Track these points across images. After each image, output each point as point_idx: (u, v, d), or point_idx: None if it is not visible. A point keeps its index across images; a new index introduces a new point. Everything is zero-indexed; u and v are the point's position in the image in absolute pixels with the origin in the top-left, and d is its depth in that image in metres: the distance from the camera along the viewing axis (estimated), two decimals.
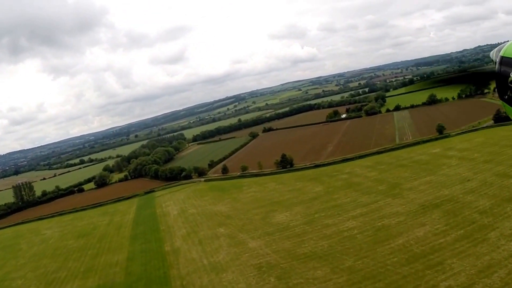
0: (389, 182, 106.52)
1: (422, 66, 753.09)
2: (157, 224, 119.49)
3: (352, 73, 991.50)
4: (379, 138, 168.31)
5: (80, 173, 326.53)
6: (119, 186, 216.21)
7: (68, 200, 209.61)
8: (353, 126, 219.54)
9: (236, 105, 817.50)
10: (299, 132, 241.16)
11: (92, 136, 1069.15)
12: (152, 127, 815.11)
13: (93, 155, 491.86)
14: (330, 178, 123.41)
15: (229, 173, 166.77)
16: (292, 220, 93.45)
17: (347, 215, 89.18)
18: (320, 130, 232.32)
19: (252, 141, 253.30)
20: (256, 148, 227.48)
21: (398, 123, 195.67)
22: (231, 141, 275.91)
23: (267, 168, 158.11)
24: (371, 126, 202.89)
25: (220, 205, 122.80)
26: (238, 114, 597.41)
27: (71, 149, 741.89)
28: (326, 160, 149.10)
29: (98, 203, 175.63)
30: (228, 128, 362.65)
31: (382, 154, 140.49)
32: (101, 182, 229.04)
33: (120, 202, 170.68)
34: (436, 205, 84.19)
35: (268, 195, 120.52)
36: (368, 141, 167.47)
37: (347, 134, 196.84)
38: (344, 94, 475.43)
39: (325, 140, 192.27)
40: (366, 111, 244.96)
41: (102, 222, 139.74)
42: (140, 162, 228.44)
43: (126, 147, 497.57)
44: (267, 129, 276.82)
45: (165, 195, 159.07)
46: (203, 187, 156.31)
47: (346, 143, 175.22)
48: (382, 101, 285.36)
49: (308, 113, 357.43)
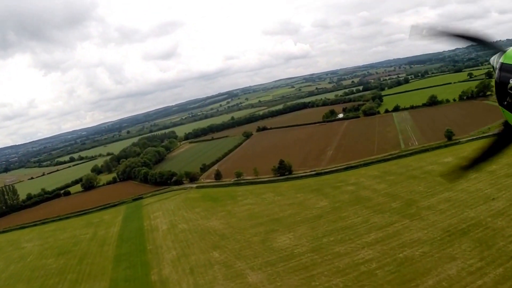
0: (403, 198, 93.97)
1: (415, 64, 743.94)
2: (144, 242, 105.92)
3: (345, 70, 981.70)
4: (382, 143, 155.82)
5: (69, 172, 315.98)
6: (106, 190, 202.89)
7: (53, 204, 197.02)
8: (351, 127, 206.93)
9: (229, 101, 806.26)
10: (295, 132, 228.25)
11: (84, 132, 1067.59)
12: (144, 123, 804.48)
13: (84, 152, 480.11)
14: (335, 190, 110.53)
15: (223, 179, 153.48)
16: (297, 245, 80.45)
17: (361, 241, 76.46)
18: (317, 130, 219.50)
19: (246, 141, 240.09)
20: (250, 149, 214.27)
21: (400, 126, 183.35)
22: (224, 141, 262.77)
23: (263, 173, 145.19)
24: (371, 128, 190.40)
25: (213, 219, 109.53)
26: (231, 110, 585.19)
27: (63, 145, 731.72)
28: (327, 167, 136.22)
29: (83, 211, 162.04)
30: (221, 126, 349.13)
31: (389, 162, 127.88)
32: (88, 185, 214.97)
33: (106, 210, 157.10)
34: (463, 231, 71.97)
35: (266, 209, 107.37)
36: (370, 145, 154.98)
37: (347, 137, 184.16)
38: (338, 92, 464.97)
39: (323, 143, 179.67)
40: (364, 111, 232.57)
41: (85, 236, 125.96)
42: (129, 164, 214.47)
43: (117, 143, 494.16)
44: (261, 128, 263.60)
45: (154, 204, 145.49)
46: (194, 195, 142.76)
47: (346, 147, 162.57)
48: (380, 100, 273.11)
49: (302, 112, 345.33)
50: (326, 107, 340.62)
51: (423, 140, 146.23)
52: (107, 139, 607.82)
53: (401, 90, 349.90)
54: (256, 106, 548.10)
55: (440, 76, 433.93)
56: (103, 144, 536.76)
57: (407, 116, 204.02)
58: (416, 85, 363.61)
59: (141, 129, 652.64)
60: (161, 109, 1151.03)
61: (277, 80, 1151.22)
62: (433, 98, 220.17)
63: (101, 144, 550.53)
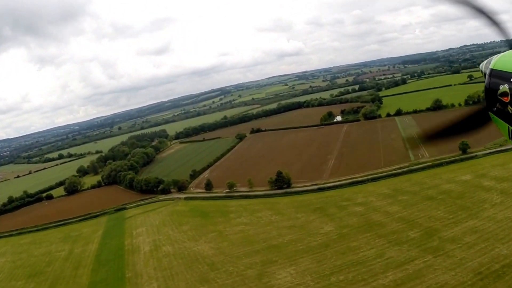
0: (421, 226, 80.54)
1: (409, 64, 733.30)
2: (122, 267, 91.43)
3: (338, 68, 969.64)
4: (388, 152, 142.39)
5: (56, 171, 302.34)
6: (90, 195, 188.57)
7: (34, 210, 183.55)
8: (352, 132, 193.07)
9: (221, 98, 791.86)
10: (291, 136, 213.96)
11: (77, 126, 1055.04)
12: (136, 119, 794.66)
13: (74, 148, 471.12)
14: (341, 211, 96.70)
15: (214, 190, 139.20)
16: (300, 284, 66.93)
17: (377, 282, 63.18)
18: (315, 135, 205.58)
19: (239, 144, 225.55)
20: (243, 153, 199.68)
21: (405, 132, 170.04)
22: (216, 142, 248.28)
23: (258, 184, 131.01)
24: (374, 135, 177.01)
25: (202, 242, 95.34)
26: (224, 108, 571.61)
27: (54, 139, 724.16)
28: (330, 181, 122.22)
29: (62, 221, 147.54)
30: (213, 125, 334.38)
31: (399, 178, 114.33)
32: (72, 189, 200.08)
33: (87, 221, 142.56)
34: (496, 273, 59.59)
35: (262, 232, 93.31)
36: (376, 155, 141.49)
37: (348, 144, 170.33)
38: (333, 91, 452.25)
39: (323, 150, 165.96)
40: (365, 115, 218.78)
41: (60, 254, 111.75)
42: (114, 168, 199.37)
43: (108, 140, 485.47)
44: (255, 130, 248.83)
45: (137, 216, 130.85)
46: (182, 208, 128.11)
47: (349, 156, 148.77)
48: (379, 102, 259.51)
49: (297, 112, 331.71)
50: (322, 108, 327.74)
51: (434, 152, 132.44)
52: (98, 135, 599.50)
53: (399, 91, 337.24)
54: (249, 104, 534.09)
55: (438, 77, 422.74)
56: (93, 141, 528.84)
57: (411, 122, 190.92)
58: (414, 86, 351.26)
59: (133, 125, 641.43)
60: (154, 104, 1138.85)
61: (270, 77, 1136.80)
62: (437, 102, 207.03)
63: (92, 140, 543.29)
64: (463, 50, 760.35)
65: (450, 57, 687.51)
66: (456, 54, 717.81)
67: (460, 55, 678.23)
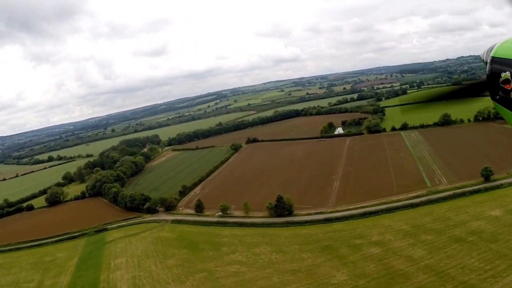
0: (455, 280, 64.90)
1: (407, 73, 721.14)
2: None
3: (334, 75, 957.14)
4: (400, 175, 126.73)
5: (42, 176, 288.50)
6: (72, 208, 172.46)
7: (11, 222, 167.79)
8: (356, 148, 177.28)
9: (217, 102, 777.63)
10: (290, 149, 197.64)
11: (71, 126, 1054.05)
12: (131, 121, 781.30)
13: (65, 150, 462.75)
14: (354, 252, 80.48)
15: (205, 212, 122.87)
16: None
17: None
18: (315, 148, 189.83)
19: (234, 155, 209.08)
20: (239, 167, 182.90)
21: (415, 150, 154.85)
22: (210, 152, 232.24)
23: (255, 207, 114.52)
24: (381, 151, 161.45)
25: (188, 285, 79.13)
26: (219, 113, 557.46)
27: (48, 139, 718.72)
28: (337, 209, 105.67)
29: (37, 241, 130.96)
30: (207, 132, 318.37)
31: (418, 210, 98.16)
32: (53, 200, 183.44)
33: (64, 243, 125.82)
34: None
35: (261, 277, 76.67)
36: (386, 177, 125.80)
37: (353, 161, 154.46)
38: (331, 99, 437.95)
39: (326, 168, 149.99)
40: (368, 128, 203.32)
41: (28, 286, 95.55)
42: (99, 178, 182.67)
43: (100, 142, 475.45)
44: (251, 140, 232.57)
45: (118, 241, 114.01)
46: (168, 235, 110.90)
47: (356, 178, 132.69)
48: (382, 114, 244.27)
49: (295, 120, 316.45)
50: (320, 117, 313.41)
51: (451, 176, 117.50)
52: (91, 137, 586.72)
53: (401, 101, 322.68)
54: (245, 110, 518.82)
55: (438, 88, 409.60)
56: (86, 142, 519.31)
57: (419, 138, 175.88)
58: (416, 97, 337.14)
59: (127, 127, 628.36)
60: (149, 106, 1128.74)
61: (266, 82, 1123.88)
62: (446, 118, 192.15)
63: (84, 142, 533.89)
64: (460, 61, 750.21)
65: (448, 67, 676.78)
66: (453, 65, 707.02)
67: (458, 66, 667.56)
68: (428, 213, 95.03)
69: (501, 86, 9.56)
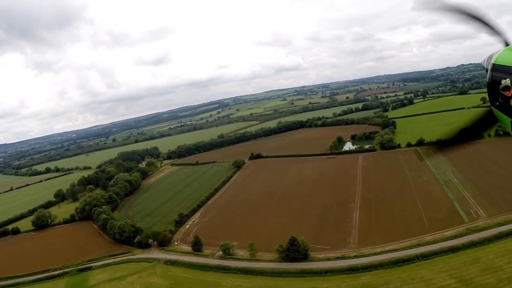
0: None
1: (408, 81, 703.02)
2: None
3: (336, 84, 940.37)
4: (429, 205, 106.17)
5: (36, 190, 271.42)
6: (59, 234, 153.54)
7: None
8: (371, 167, 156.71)
9: (219, 111, 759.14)
10: (298, 167, 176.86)
11: (74, 134, 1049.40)
12: (133, 130, 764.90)
13: (64, 160, 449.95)
14: None
15: (204, 251, 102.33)
16: None
17: None
18: (325, 167, 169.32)
19: (237, 173, 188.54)
20: (242, 190, 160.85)
21: (438, 171, 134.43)
22: (211, 168, 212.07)
23: (262, 245, 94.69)
24: (400, 173, 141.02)
25: None
26: (221, 123, 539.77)
27: (49, 147, 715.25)
28: (362, 254, 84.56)
29: (15, 278, 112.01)
30: (208, 144, 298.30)
31: (459, 255, 77.95)
32: (40, 223, 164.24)
33: (41, 283, 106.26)
34: None
35: None
36: (413, 209, 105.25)
37: (371, 185, 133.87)
38: (335, 109, 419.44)
39: (341, 193, 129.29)
40: (382, 144, 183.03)
41: None
42: (89, 201, 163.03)
43: (100, 153, 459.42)
44: (254, 156, 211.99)
45: (102, 286, 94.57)
46: (160, 282, 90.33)
47: (378, 207, 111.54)
48: (393, 127, 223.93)
49: (300, 133, 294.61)
50: (326, 129, 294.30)
51: (489, 207, 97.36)
52: (91, 146, 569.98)
53: (408, 112, 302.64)
54: (248, 120, 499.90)
55: (444, 97, 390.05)
56: (86, 152, 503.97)
57: (439, 156, 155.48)
58: (423, 108, 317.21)
59: (128, 137, 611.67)
60: (152, 115, 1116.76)
61: (268, 91, 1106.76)
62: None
63: (84, 151, 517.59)
64: (461, 69, 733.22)
65: (449, 76, 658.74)
66: (454, 73, 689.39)
67: (459, 74, 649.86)
68: (473, 260, 74.96)
69: (501, 93, 9.48)
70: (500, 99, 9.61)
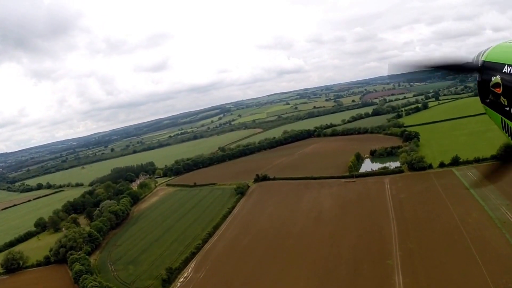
0: None
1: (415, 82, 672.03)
2: None
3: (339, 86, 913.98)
4: (490, 260, 76.95)
5: (22, 212, 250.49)
6: (29, 282, 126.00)
7: None
8: (403, 197, 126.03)
9: (221, 117, 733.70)
10: (311, 196, 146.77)
11: (75, 142, 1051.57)
12: (133, 137, 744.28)
13: (59, 174, 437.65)
14: None
15: None
16: None
17: None
18: (345, 196, 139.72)
19: (240, 203, 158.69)
20: (245, 228, 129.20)
21: (488, 204, 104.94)
22: (210, 193, 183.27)
23: None
24: (442, 207, 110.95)
25: None
26: (222, 131, 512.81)
27: (48, 157, 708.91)
28: None
29: None
30: (208, 160, 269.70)
31: None
32: (10, 266, 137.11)
33: None
34: None
35: None
36: (473, 267, 75.85)
37: (409, 225, 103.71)
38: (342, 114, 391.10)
39: (372, 241, 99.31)
40: (410, 164, 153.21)
41: None
42: (64, 243, 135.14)
43: (97, 165, 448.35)
44: (260, 178, 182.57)
45: None
46: None
47: (426, 266, 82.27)
48: (417, 140, 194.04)
49: (309, 145, 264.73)
50: (336, 139, 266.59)
51: None
52: (89, 157, 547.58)
53: (426, 119, 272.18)
54: (250, 127, 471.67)
55: (459, 100, 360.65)
56: (82, 164, 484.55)
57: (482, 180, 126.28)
58: (441, 113, 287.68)
59: (127, 146, 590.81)
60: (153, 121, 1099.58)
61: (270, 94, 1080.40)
62: (508, 149, 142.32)
63: (80, 163, 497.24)
64: None
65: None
66: None
67: None
68: None
69: (492, 90, 9.25)
70: (491, 96, 9.49)
